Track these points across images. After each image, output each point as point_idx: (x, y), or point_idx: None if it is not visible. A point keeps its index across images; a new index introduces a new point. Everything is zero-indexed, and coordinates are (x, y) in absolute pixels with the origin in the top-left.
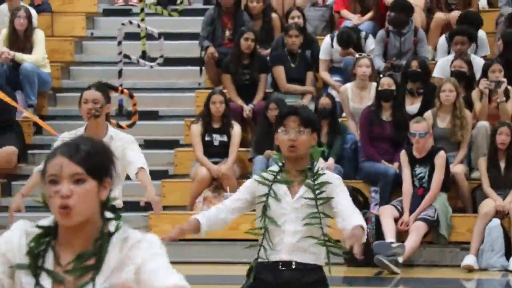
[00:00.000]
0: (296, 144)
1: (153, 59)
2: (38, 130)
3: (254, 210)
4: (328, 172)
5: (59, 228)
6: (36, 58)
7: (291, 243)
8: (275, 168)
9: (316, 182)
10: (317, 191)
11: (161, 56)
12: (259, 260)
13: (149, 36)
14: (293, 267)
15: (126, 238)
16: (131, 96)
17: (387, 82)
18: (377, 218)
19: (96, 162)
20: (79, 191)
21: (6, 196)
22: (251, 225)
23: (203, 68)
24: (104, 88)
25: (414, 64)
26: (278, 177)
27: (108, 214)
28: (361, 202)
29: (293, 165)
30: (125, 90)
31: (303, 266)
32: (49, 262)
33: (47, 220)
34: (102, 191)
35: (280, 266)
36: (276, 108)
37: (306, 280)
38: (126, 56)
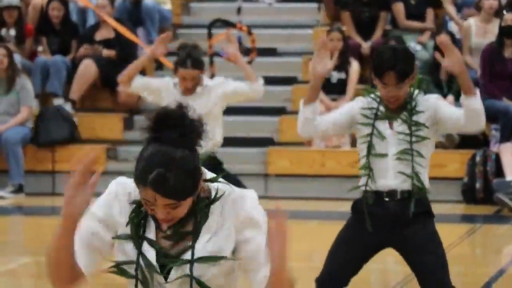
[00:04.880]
0: (397, 97)
1: None
2: (159, 66)
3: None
4: (427, 96)
5: None
6: None
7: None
8: (372, 102)
9: (413, 119)
10: (413, 128)
11: None
12: (366, 188)
13: None
14: (398, 197)
15: (225, 199)
16: (250, 33)
17: (510, 18)
18: (497, 156)
19: (186, 188)
20: (176, 211)
21: (128, 130)
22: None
23: (321, 5)
24: (199, 63)
25: None
26: (379, 113)
27: (207, 174)
28: (480, 140)
29: (393, 105)
30: (244, 27)
31: (408, 194)
32: (150, 231)
33: None
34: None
35: (385, 196)
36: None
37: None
38: None
